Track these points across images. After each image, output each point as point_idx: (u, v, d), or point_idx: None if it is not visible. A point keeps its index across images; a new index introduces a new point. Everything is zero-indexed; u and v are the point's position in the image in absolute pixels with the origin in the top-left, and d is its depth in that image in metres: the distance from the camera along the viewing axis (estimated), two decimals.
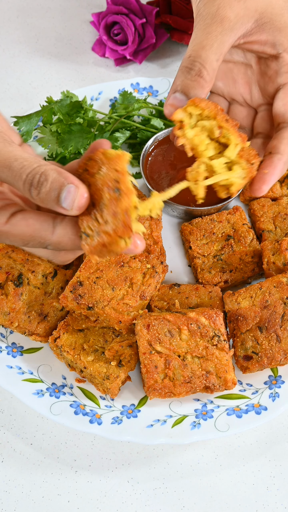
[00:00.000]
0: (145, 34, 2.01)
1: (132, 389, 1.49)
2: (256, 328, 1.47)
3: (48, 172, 1.04)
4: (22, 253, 1.55)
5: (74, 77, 2.04)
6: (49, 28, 2.14)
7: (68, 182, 1.04)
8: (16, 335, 1.55)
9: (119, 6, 1.99)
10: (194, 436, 1.41)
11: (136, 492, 1.43)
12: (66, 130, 1.75)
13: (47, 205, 1.06)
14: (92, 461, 1.46)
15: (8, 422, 1.50)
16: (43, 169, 1.05)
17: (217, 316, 1.44)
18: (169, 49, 2.12)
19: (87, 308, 1.45)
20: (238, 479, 1.44)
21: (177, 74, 1.23)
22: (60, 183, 1.04)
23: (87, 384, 1.49)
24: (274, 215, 1.67)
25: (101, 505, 1.41)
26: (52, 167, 1.06)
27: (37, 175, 1.05)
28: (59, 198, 1.05)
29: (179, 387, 1.41)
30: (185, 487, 1.43)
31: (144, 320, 1.42)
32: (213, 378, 1.41)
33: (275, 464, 1.46)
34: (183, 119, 1.19)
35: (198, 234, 1.64)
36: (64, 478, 1.44)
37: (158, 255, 1.56)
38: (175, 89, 1.22)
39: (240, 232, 1.63)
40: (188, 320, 1.43)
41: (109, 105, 1.89)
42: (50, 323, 1.51)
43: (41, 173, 1.05)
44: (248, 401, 1.46)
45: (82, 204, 1.05)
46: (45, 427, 1.49)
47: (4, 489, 1.43)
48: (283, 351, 1.45)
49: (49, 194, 1.05)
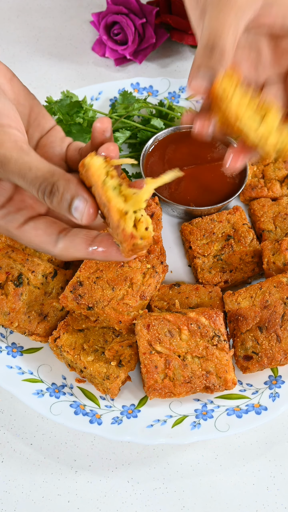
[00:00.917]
0: (145, 34, 2.01)
1: (132, 389, 1.49)
2: (256, 328, 1.46)
3: (59, 183, 1.09)
4: (22, 253, 1.55)
5: (74, 77, 2.04)
6: (49, 28, 2.14)
7: (78, 194, 1.09)
8: (16, 335, 1.55)
9: (119, 6, 1.99)
10: (194, 436, 1.41)
11: (136, 492, 1.43)
12: (66, 130, 1.75)
13: (61, 212, 1.11)
14: (92, 461, 1.46)
15: (8, 422, 1.50)
16: (55, 179, 1.09)
17: (217, 316, 1.44)
18: (169, 49, 2.11)
19: (87, 308, 1.45)
20: (238, 479, 1.44)
21: (194, 62, 1.23)
22: (71, 195, 1.09)
23: (87, 384, 1.49)
24: (274, 215, 1.67)
25: (101, 505, 1.41)
26: (66, 176, 1.10)
27: (49, 186, 1.09)
28: (70, 209, 1.10)
29: (179, 387, 1.41)
30: (185, 487, 1.43)
31: (144, 320, 1.42)
32: (213, 378, 1.41)
33: (275, 464, 1.46)
34: (227, 88, 1.17)
35: (198, 234, 1.64)
36: (64, 478, 1.44)
37: (158, 255, 1.56)
38: (198, 69, 1.22)
39: (240, 232, 1.63)
40: (188, 320, 1.43)
41: (109, 105, 1.89)
42: (50, 323, 1.51)
43: (52, 184, 1.09)
44: (248, 401, 1.46)
45: (90, 216, 1.10)
46: (45, 427, 1.49)
47: (4, 489, 1.43)
48: (283, 351, 1.45)
49: (61, 204, 1.10)
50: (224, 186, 1.70)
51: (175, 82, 1.93)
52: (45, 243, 1.17)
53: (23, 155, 1.12)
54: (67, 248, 1.16)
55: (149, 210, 1.60)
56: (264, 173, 1.74)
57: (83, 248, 1.15)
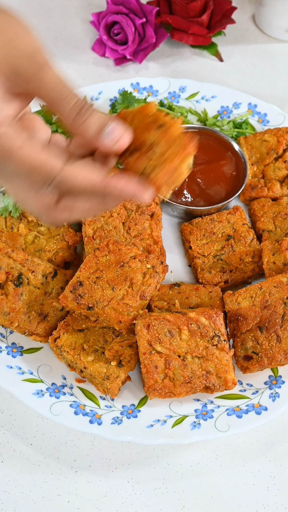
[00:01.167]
0: (145, 34, 2.01)
1: (132, 389, 1.49)
2: (256, 328, 1.46)
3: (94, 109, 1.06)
4: (22, 253, 1.55)
5: (74, 77, 2.04)
6: (49, 28, 2.14)
7: (111, 118, 1.06)
8: (16, 335, 1.55)
9: (119, 6, 1.99)
10: (194, 436, 1.41)
11: (136, 492, 1.43)
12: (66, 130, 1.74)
13: (88, 136, 1.06)
14: (92, 461, 1.46)
15: (8, 422, 1.50)
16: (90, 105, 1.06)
17: (217, 316, 1.44)
18: (169, 48, 2.12)
19: (87, 308, 1.45)
20: (238, 479, 1.44)
21: None
22: (107, 118, 1.06)
23: (87, 384, 1.49)
24: (274, 215, 1.67)
25: (101, 505, 1.41)
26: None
27: (86, 105, 1.06)
28: (103, 132, 1.06)
29: (179, 387, 1.41)
30: (185, 487, 1.43)
31: (144, 320, 1.42)
32: (213, 378, 1.41)
33: (275, 465, 1.46)
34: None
35: (198, 234, 1.64)
36: (64, 478, 1.44)
37: (158, 255, 1.56)
38: None
39: (240, 232, 1.63)
40: (188, 320, 1.43)
41: (109, 105, 1.89)
42: (50, 323, 1.51)
43: (89, 105, 1.06)
44: (248, 401, 1.46)
45: (125, 141, 1.07)
46: (45, 427, 1.49)
47: (4, 489, 1.43)
48: (283, 351, 1.45)
49: (93, 124, 1.05)
50: (224, 186, 1.70)
51: (175, 82, 1.92)
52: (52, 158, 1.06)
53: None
54: (77, 171, 1.06)
55: (149, 210, 1.60)
56: (264, 173, 1.74)
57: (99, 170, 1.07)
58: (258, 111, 1.89)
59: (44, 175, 1.06)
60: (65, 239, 1.62)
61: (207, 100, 1.91)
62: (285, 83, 2.06)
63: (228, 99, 1.91)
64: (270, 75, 2.08)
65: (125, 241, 1.58)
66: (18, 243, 1.61)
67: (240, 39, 2.16)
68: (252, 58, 2.12)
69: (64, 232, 1.63)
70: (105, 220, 1.60)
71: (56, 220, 1.13)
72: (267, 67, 2.10)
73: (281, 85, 2.06)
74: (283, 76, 2.08)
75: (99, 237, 1.58)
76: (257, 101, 1.90)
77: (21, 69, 1.07)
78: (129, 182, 1.08)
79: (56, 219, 1.13)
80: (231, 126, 1.86)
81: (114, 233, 1.59)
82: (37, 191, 1.09)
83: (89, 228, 1.59)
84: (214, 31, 2.04)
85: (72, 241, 1.63)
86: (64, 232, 1.63)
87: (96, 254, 1.50)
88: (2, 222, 1.64)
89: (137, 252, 1.51)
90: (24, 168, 1.06)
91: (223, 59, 2.10)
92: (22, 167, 1.06)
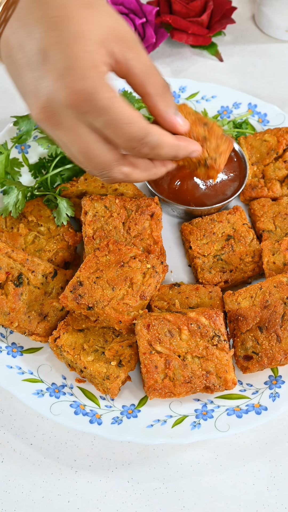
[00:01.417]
0: (145, 34, 2.01)
1: (132, 389, 1.49)
2: (256, 328, 1.46)
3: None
4: (22, 253, 1.55)
5: None
6: None
7: None
8: (16, 335, 1.55)
9: (119, 5, 1.99)
10: (194, 436, 1.41)
11: (136, 492, 1.43)
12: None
13: (168, 114, 1.25)
14: (92, 461, 1.46)
15: (8, 422, 1.50)
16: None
17: (217, 316, 1.44)
18: (169, 48, 2.12)
19: (87, 308, 1.45)
20: (238, 479, 1.44)
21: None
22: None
23: (87, 384, 1.49)
24: (274, 215, 1.67)
25: (101, 505, 1.41)
26: None
27: (168, 85, 1.25)
28: (178, 115, 1.25)
29: (179, 387, 1.41)
30: (185, 487, 1.43)
31: (144, 320, 1.42)
32: (213, 378, 1.41)
33: (275, 465, 1.46)
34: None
35: (198, 234, 1.64)
36: (64, 478, 1.44)
37: (158, 255, 1.56)
38: None
39: (240, 232, 1.63)
40: (188, 320, 1.43)
41: None
42: (50, 323, 1.51)
43: (169, 86, 1.24)
44: (248, 401, 1.46)
45: (187, 128, 1.30)
46: (45, 427, 1.49)
47: (4, 489, 1.43)
48: (283, 351, 1.45)
49: (174, 105, 1.25)
50: (224, 186, 1.70)
51: (175, 82, 1.92)
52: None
53: None
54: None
55: (149, 210, 1.60)
56: (264, 173, 1.74)
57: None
58: (258, 111, 1.89)
59: (137, 130, 1.17)
60: (65, 239, 1.62)
61: (207, 100, 1.91)
62: (285, 83, 2.06)
63: (228, 99, 1.91)
64: (270, 75, 2.08)
65: (125, 241, 1.58)
66: (18, 243, 1.61)
67: (240, 39, 2.16)
68: (252, 58, 2.12)
69: (64, 232, 1.63)
70: (105, 220, 1.60)
71: (115, 177, 1.25)
72: (267, 67, 2.10)
73: (281, 85, 2.06)
74: (283, 76, 2.08)
75: (99, 237, 1.58)
76: (257, 101, 1.90)
77: (124, 37, 1.19)
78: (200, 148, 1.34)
79: (117, 175, 1.25)
80: (231, 126, 1.86)
81: (114, 233, 1.59)
82: (125, 144, 1.19)
83: (89, 228, 1.59)
84: (214, 31, 2.04)
85: (72, 241, 1.63)
86: (64, 232, 1.63)
87: (96, 254, 1.50)
88: (2, 222, 1.64)
89: (137, 252, 1.51)
90: (120, 121, 1.15)
91: (223, 59, 2.10)
92: (117, 121, 1.14)
